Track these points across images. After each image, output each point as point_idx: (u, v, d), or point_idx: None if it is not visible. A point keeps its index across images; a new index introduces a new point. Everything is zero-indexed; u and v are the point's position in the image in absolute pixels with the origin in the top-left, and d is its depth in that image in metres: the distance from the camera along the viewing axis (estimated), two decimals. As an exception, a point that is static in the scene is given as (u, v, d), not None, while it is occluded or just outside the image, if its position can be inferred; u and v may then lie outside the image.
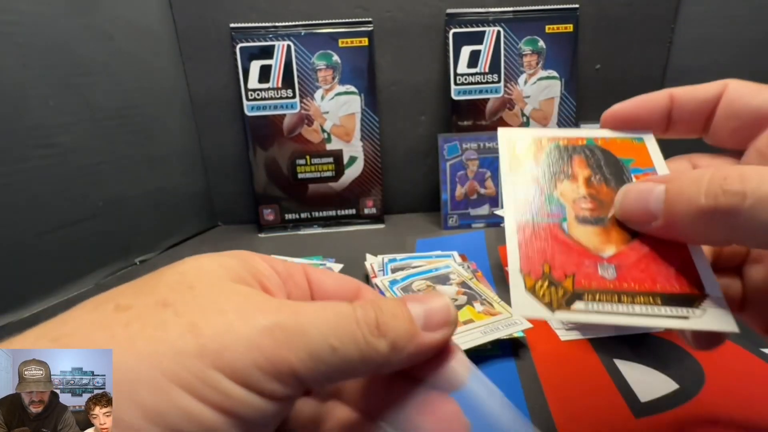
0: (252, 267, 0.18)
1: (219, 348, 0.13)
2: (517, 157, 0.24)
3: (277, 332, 0.14)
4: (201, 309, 0.14)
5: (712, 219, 0.17)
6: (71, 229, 0.56)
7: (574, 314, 0.19)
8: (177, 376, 0.13)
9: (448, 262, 0.51)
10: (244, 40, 0.69)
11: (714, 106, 0.22)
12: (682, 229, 0.18)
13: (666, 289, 0.19)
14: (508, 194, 0.22)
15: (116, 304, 0.14)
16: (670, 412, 0.31)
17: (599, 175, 0.23)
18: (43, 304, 0.53)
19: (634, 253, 0.20)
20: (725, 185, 0.16)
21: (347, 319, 0.16)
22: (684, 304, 0.18)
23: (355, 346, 0.15)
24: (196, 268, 0.16)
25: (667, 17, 0.73)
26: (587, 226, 0.21)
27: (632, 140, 0.24)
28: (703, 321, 0.18)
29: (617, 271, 0.19)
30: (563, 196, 0.22)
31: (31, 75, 0.51)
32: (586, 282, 0.19)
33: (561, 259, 0.20)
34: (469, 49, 0.71)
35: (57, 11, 0.54)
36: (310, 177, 0.74)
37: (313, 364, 0.15)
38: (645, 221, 0.19)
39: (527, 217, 0.21)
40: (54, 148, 0.54)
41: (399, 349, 0.16)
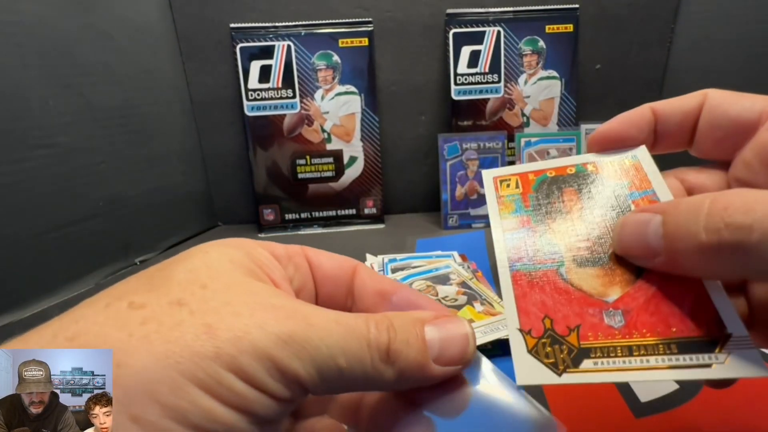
0: (256, 259, 0.18)
1: (234, 353, 0.14)
2: (504, 200, 0.22)
3: (289, 344, 0.15)
4: (215, 310, 0.15)
5: (717, 256, 0.15)
6: (71, 229, 0.56)
7: (584, 375, 0.17)
8: (195, 377, 0.13)
9: (448, 262, 0.51)
10: (244, 40, 0.69)
11: (697, 117, 0.21)
12: (688, 266, 0.16)
13: (682, 332, 0.17)
14: (499, 242, 0.21)
15: (130, 302, 0.15)
16: (670, 412, 0.31)
17: (594, 207, 0.21)
18: (43, 304, 0.53)
19: (642, 293, 0.18)
20: (727, 217, 0.14)
21: (359, 339, 0.16)
22: (704, 350, 0.16)
23: (361, 369, 0.16)
24: (207, 265, 0.16)
25: (667, 17, 0.73)
26: (587, 268, 0.19)
27: (625, 160, 0.22)
28: (728, 368, 0.15)
29: (625, 317, 0.18)
30: (557, 236, 0.20)
31: (31, 75, 0.51)
32: (593, 335, 0.17)
33: (563, 311, 0.18)
34: (469, 49, 0.71)
35: (57, 11, 0.54)
36: (310, 177, 0.74)
37: (318, 379, 0.15)
38: (647, 257, 0.18)
39: (521, 265, 0.20)
40: (54, 148, 0.54)
41: (405, 378, 0.16)
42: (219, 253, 0.17)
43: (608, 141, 0.22)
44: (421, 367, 0.17)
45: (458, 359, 0.17)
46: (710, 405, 0.32)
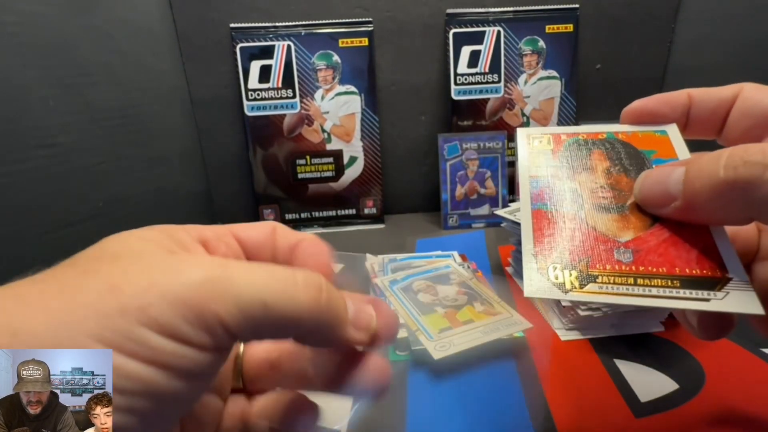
0: (174, 237, 0.17)
1: (142, 305, 0.13)
2: (536, 152, 0.24)
3: (205, 285, 0.14)
4: (123, 271, 0.14)
5: (731, 192, 0.16)
6: (71, 229, 0.56)
7: (587, 295, 0.18)
8: (100, 336, 0.13)
9: (448, 262, 0.51)
10: (244, 40, 0.69)
11: (730, 107, 0.22)
12: (701, 207, 0.18)
13: (685, 272, 0.18)
14: (524, 184, 0.22)
15: (34, 278, 0.14)
16: (670, 412, 0.31)
17: (619, 167, 0.22)
18: (43, 304, 0.53)
19: (654, 237, 0.19)
20: (746, 156, 0.16)
21: (285, 280, 0.15)
22: (705, 287, 0.17)
23: (292, 303, 0.15)
24: (120, 241, 0.16)
25: (667, 17, 0.73)
26: (605, 214, 0.21)
27: (654, 133, 0.23)
28: (725, 303, 0.17)
29: (634, 255, 0.19)
30: (581, 186, 0.22)
31: (31, 75, 0.51)
32: (601, 265, 0.19)
33: (575, 244, 0.20)
34: (469, 49, 0.71)
35: (57, 11, 0.54)
36: (310, 177, 0.74)
37: (242, 318, 0.14)
38: (664, 203, 0.19)
39: (542, 205, 0.21)
40: (54, 148, 0.54)
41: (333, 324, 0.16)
42: (137, 233, 0.17)
43: (642, 115, 0.24)
44: (344, 321, 0.17)
45: (366, 326, 0.18)
46: (710, 405, 0.32)
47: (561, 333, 0.41)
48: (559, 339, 0.41)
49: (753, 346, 0.38)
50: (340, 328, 0.17)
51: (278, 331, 0.16)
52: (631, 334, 0.40)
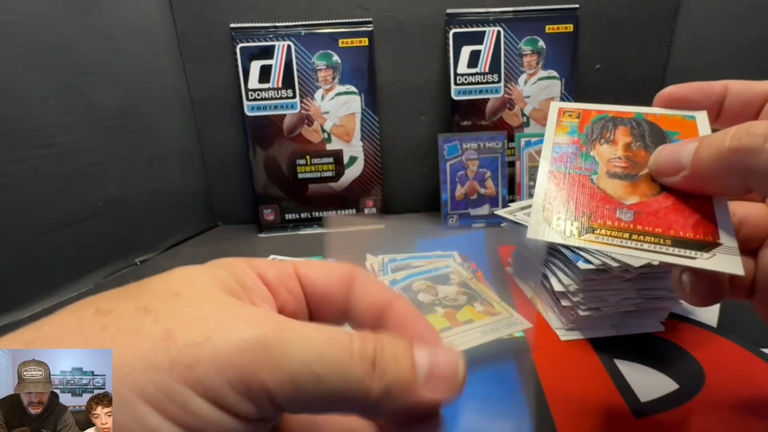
0: (240, 279, 0.17)
1: (191, 361, 0.13)
2: (563, 124, 0.25)
3: (257, 349, 0.13)
4: (181, 316, 0.14)
5: (733, 160, 0.18)
6: (71, 229, 0.56)
7: (584, 242, 0.20)
8: (144, 392, 0.12)
9: (448, 262, 0.51)
10: (244, 40, 0.69)
11: (764, 102, 0.23)
12: (705, 174, 0.19)
13: (679, 234, 0.19)
14: (547, 149, 0.24)
15: (97, 308, 0.14)
16: (670, 412, 0.31)
17: (640, 142, 0.23)
18: (43, 304, 0.53)
19: (657, 203, 0.21)
20: (751, 129, 0.18)
21: (340, 348, 0.14)
22: (694, 248, 0.19)
23: (342, 380, 0.14)
24: (185, 276, 0.16)
25: (667, 17, 0.73)
26: (616, 180, 0.22)
27: (683, 117, 0.24)
28: (709, 262, 0.18)
29: (635, 216, 0.20)
30: (599, 155, 0.23)
31: (31, 75, 0.51)
32: (602, 220, 0.20)
33: (582, 201, 0.21)
34: (469, 49, 0.71)
35: (57, 11, 0.54)
36: (310, 177, 0.74)
37: (291, 389, 0.13)
38: (674, 172, 0.21)
39: (559, 167, 0.23)
40: (54, 148, 0.54)
41: (392, 396, 0.15)
42: (200, 269, 0.17)
43: (674, 99, 0.25)
44: (408, 387, 0.15)
45: (448, 386, 0.16)
46: (710, 405, 0.32)
47: (561, 333, 0.41)
48: (559, 339, 0.41)
49: (753, 346, 0.38)
50: (405, 395, 0.15)
51: (331, 406, 0.15)
52: (631, 334, 0.40)
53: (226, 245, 0.71)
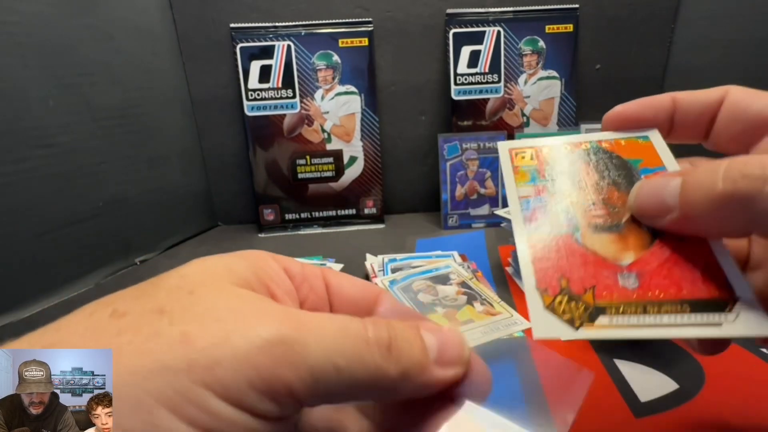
0: (260, 270, 0.17)
1: (210, 363, 0.12)
2: (520, 170, 0.23)
3: (276, 347, 0.13)
4: (197, 316, 0.14)
5: (730, 206, 0.16)
6: (71, 229, 0.56)
7: (599, 331, 0.17)
8: (162, 395, 0.12)
9: (448, 262, 0.51)
10: (244, 40, 0.69)
11: (716, 111, 0.21)
12: (699, 219, 0.17)
13: (694, 294, 0.17)
14: (515, 209, 0.21)
15: (113, 309, 0.14)
16: (670, 412, 0.31)
17: (607, 180, 0.21)
18: (43, 304, 0.53)
19: (655, 258, 0.19)
20: (745, 169, 0.15)
21: (356, 337, 0.15)
22: (715, 310, 0.17)
23: (362, 368, 0.14)
24: (200, 271, 0.16)
25: (667, 17, 0.73)
26: (602, 234, 0.20)
27: (637, 139, 0.23)
28: (736, 327, 0.16)
29: (639, 279, 0.18)
30: (572, 204, 0.21)
31: (31, 75, 0.51)
32: (608, 294, 0.18)
33: (578, 272, 0.19)
34: (469, 49, 0.71)
35: (57, 11, 0.54)
36: (310, 177, 0.74)
37: (313, 384, 0.13)
38: (660, 214, 0.18)
39: (537, 230, 0.20)
40: (54, 148, 0.54)
41: (409, 378, 0.15)
42: (218, 261, 0.16)
43: (624, 120, 0.23)
44: (423, 367, 0.16)
45: (456, 360, 0.17)
46: (710, 405, 0.32)
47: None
48: (559, 338, 0.41)
49: (753, 347, 0.38)
50: (420, 376, 0.16)
51: (351, 395, 0.15)
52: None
53: (226, 245, 0.71)
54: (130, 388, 0.12)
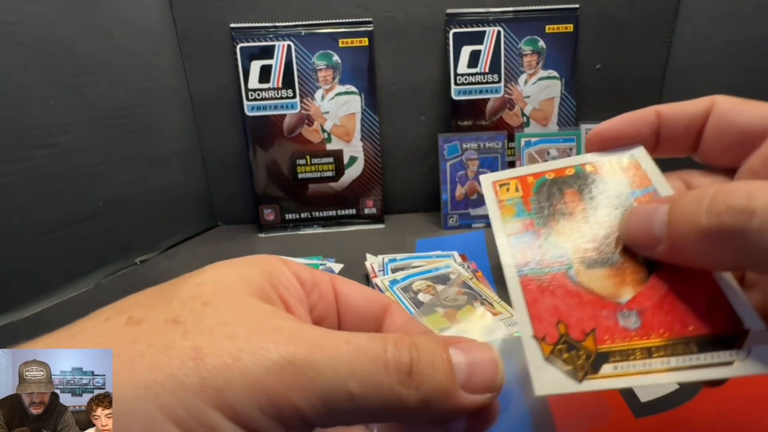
0: (273, 277, 0.17)
1: (221, 385, 0.12)
2: (505, 204, 0.22)
3: (287, 370, 0.13)
4: (210, 330, 0.13)
5: (716, 241, 0.15)
6: (71, 229, 0.56)
7: (605, 381, 0.16)
8: (173, 413, 0.12)
9: (448, 262, 0.51)
10: (244, 40, 0.69)
11: (703, 123, 0.20)
12: (687, 253, 0.16)
13: (700, 330, 0.16)
14: (503, 247, 0.20)
15: (129, 316, 0.14)
16: (670, 412, 0.31)
17: (597, 207, 0.20)
18: (43, 304, 0.53)
19: (655, 292, 0.17)
20: (730, 201, 0.14)
21: (374, 360, 0.14)
22: (724, 347, 0.15)
23: (378, 394, 0.13)
24: (215, 280, 0.15)
25: (667, 17, 0.73)
26: (596, 269, 0.18)
27: (623, 159, 0.21)
28: (749, 365, 0.15)
29: (640, 317, 0.17)
30: (563, 238, 0.20)
31: (31, 75, 0.51)
32: (609, 338, 0.17)
33: (576, 315, 0.17)
34: (469, 49, 0.71)
35: (57, 11, 0.54)
36: (310, 177, 0.74)
37: (324, 410, 0.13)
38: (650, 246, 0.17)
39: (529, 270, 0.19)
40: (54, 148, 0.54)
41: (430, 405, 0.14)
42: (232, 268, 0.16)
43: (606, 139, 0.22)
44: (448, 394, 0.14)
45: (488, 386, 0.15)
46: (710, 405, 0.32)
47: (561, 333, 0.41)
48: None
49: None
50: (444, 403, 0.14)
51: (365, 419, 0.14)
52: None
53: (226, 245, 0.71)
54: (142, 403, 0.12)
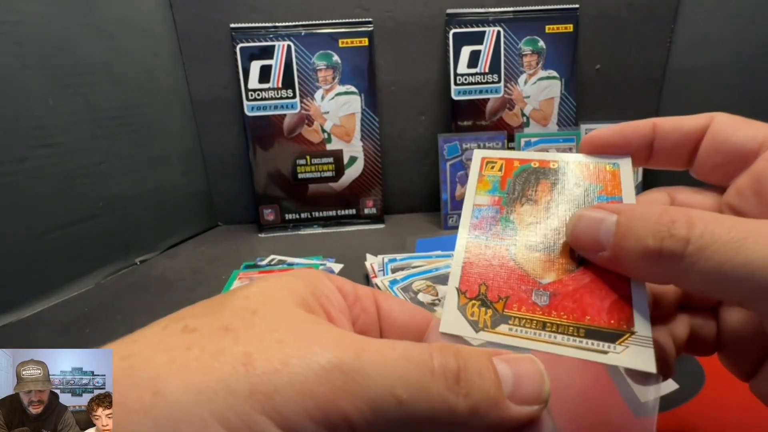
0: (317, 289, 0.17)
1: (270, 390, 0.13)
2: (485, 179, 0.23)
3: (335, 375, 0.13)
4: (259, 337, 0.14)
5: (656, 260, 0.17)
6: (71, 229, 0.56)
7: (497, 336, 0.19)
8: (224, 418, 0.12)
9: (448, 262, 0.51)
10: (244, 40, 0.69)
11: (699, 139, 0.21)
12: (627, 264, 0.18)
13: (594, 322, 0.18)
14: (467, 214, 0.22)
15: (185, 325, 0.14)
16: (670, 412, 0.31)
17: (561, 202, 0.22)
18: (43, 304, 0.53)
19: (574, 282, 0.19)
20: (672, 229, 0.16)
21: (420, 366, 0.14)
22: (607, 339, 0.18)
23: (426, 401, 0.14)
24: (262, 291, 0.16)
25: (667, 17, 0.73)
26: (534, 252, 0.20)
27: (606, 166, 0.22)
28: (620, 358, 0.17)
29: (551, 299, 0.19)
30: (519, 219, 0.22)
31: (31, 75, 0.51)
32: (518, 306, 0.19)
33: (499, 282, 0.20)
34: (469, 49, 0.71)
35: (57, 11, 0.54)
36: (310, 177, 0.74)
37: (372, 416, 0.13)
38: (593, 250, 0.19)
39: (479, 237, 0.21)
40: (54, 148, 0.54)
41: (480, 415, 0.14)
42: (278, 280, 0.17)
43: (597, 145, 0.23)
44: (496, 403, 0.14)
45: (535, 397, 0.15)
46: (710, 405, 0.32)
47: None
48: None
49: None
50: (493, 414, 0.14)
51: (414, 428, 0.14)
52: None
53: (226, 245, 0.71)
54: (195, 407, 0.12)
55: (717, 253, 0.15)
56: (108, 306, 0.53)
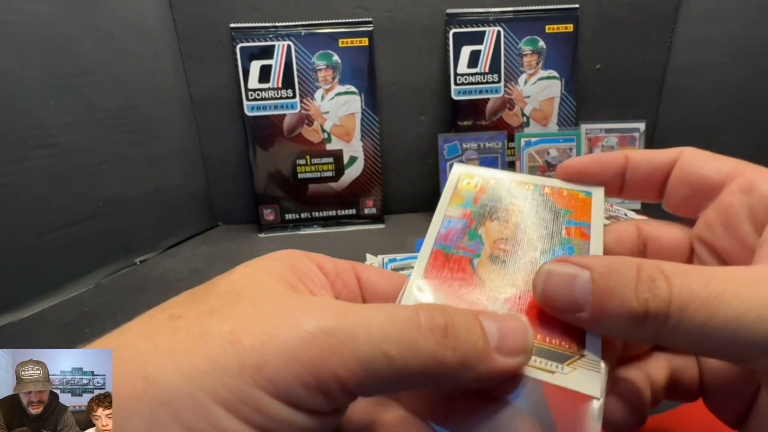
0: (296, 269, 0.18)
1: (259, 363, 0.13)
2: (460, 193, 0.23)
3: (321, 338, 0.13)
4: (244, 314, 0.14)
5: (640, 321, 0.16)
6: (71, 229, 0.56)
7: None
8: (218, 395, 0.12)
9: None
10: (244, 40, 0.69)
11: (668, 172, 0.21)
12: (609, 326, 0.17)
13: (546, 341, 0.18)
14: (435, 224, 0.22)
15: (170, 313, 0.15)
16: (670, 412, 0.31)
17: (528, 221, 0.22)
18: (43, 304, 0.53)
19: (531, 298, 0.19)
20: (654, 290, 0.15)
21: (407, 323, 0.14)
22: (556, 360, 0.17)
23: (415, 355, 0.14)
24: (244, 275, 0.16)
25: (667, 17, 0.73)
26: (497, 266, 0.20)
27: (580, 193, 0.23)
28: (566, 379, 0.17)
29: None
30: (486, 233, 0.22)
31: (31, 75, 0.51)
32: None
33: (457, 292, 0.20)
34: (469, 49, 0.71)
35: (57, 11, 0.54)
36: (310, 177, 0.74)
37: (363, 374, 0.13)
38: (570, 311, 0.17)
39: (443, 246, 0.22)
40: (54, 148, 0.54)
41: (468, 366, 0.15)
42: (259, 264, 0.17)
43: (572, 173, 0.23)
44: (484, 354, 0.15)
45: (519, 348, 0.16)
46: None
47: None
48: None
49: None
50: (481, 365, 0.15)
51: (405, 384, 0.15)
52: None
53: (226, 245, 0.71)
54: (189, 388, 0.12)
55: (698, 312, 0.14)
56: (108, 306, 0.53)
